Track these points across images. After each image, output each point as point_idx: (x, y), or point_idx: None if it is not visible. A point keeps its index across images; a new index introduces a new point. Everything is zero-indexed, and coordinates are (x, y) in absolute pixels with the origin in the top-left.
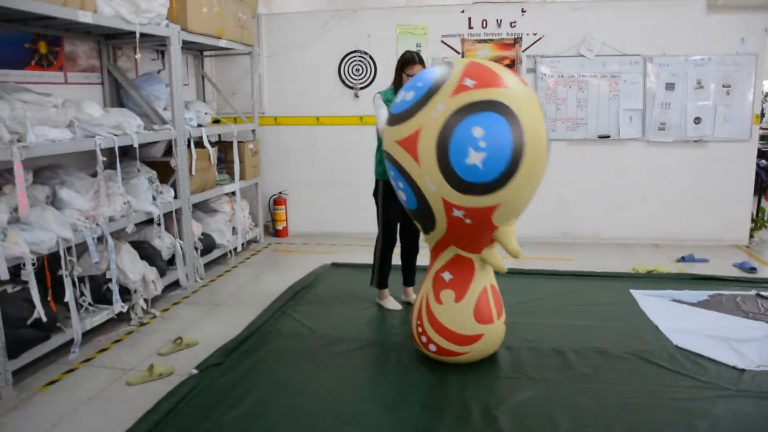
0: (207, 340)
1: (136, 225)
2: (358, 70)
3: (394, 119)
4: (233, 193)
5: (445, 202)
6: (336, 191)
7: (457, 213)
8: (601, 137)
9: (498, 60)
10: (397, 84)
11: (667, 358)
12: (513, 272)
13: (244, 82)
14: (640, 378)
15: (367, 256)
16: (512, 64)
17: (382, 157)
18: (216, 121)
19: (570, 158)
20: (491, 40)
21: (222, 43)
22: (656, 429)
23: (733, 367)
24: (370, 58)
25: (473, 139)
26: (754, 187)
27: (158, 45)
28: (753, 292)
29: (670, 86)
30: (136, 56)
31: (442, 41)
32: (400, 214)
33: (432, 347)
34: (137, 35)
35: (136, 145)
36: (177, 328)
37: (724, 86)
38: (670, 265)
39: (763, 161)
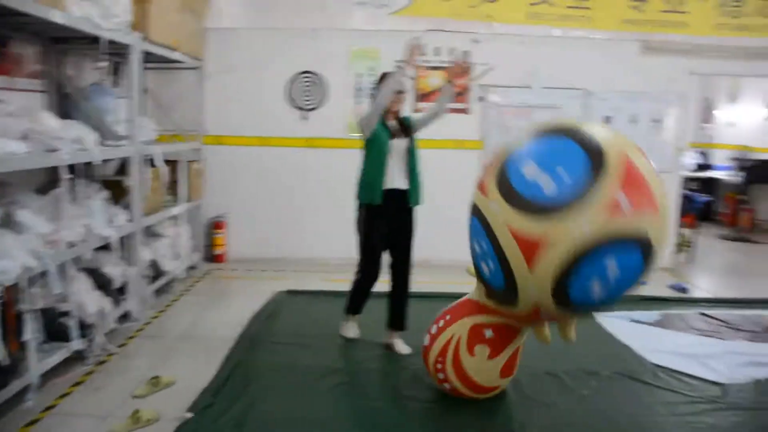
0: (183, 378)
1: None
2: (307, 91)
3: (515, 200)
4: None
5: (539, 306)
6: (280, 215)
7: (542, 314)
8: None
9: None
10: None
11: (651, 376)
12: None
13: (185, 98)
14: (637, 396)
15: (317, 283)
16: (462, 92)
17: (365, 179)
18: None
19: None
20: (443, 67)
21: (176, 56)
22: None
23: (712, 382)
24: (321, 80)
25: (605, 273)
26: (680, 214)
27: (114, 53)
28: (696, 311)
29: (607, 119)
30: (100, 64)
31: (396, 66)
32: (385, 245)
33: (446, 386)
34: (102, 41)
35: (98, 162)
36: (143, 366)
37: (653, 121)
38: None
39: (688, 191)
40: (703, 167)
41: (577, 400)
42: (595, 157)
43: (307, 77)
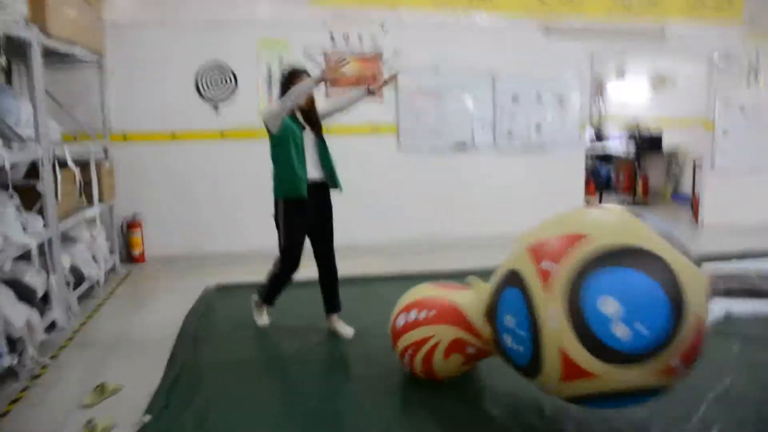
0: (129, 383)
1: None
2: (217, 82)
3: (583, 336)
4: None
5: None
6: (198, 210)
7: None
8: (457, 145)
9: (360, 72)
10: None
11: None
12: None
13: (85, 95)
14: None
15: (243, 275)
16: (374, 79)
17: (285, 175)
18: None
19: (430, 166)
20: (353, 53)
21: (76, 51)
22: None
23: None
24: (231, 70)
25: (620, 406)
26: (594, 185)
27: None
28: None
29: (515, 98)
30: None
31: (306, 54)
32: (305, 236)
33: (406, 370)
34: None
35: (8, 166)
36: (81, 376)
37: (558, 100)
38: None
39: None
40: (598, 140)
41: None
42: (675, 316)
43: (215, 69)
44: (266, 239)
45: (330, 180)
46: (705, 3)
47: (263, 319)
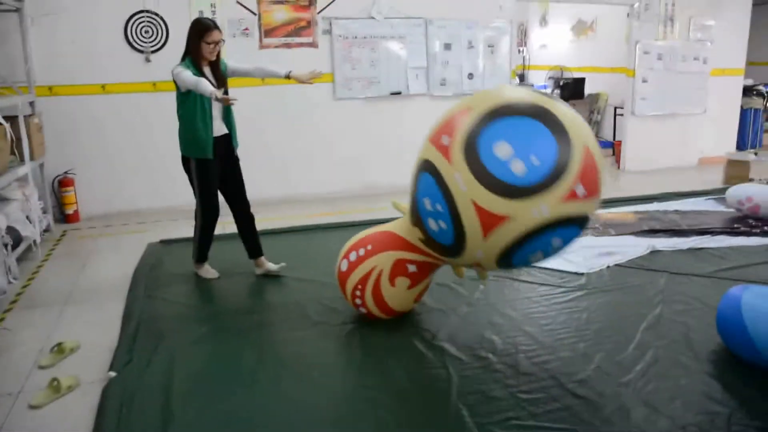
0: (87, 341)
1: None
2: (148, 32)
3: (487, 180)
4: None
5: (476, 263)
6: (131, 165)
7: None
8: (392, 94)
9: (294, 21)
10: (196, 54)
11: (527, 274)
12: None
13: (2, 46)
14: (521, 293)
15: (184, 230)
16: (308, 26)
17: (190, 132)
18: None
19: (366, 115)
20: (287, 1)
21: None
22: (557, 324)
23: (575, 273)
24: (161, 19)
25: (549, 247)
26: None
27: None
28: None
29: (447, 46)
30: None
31: (238, 2)
32: (217, 185)
33: (362, 310)
34: None
35: None
36: (33, 337)
37: (489, 46)
38: None
39: None
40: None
41: (472, 303)
42: (562, 146)
43: (145, 17)
44: None
45: (233, 135)
46: None
47: (211, 272)
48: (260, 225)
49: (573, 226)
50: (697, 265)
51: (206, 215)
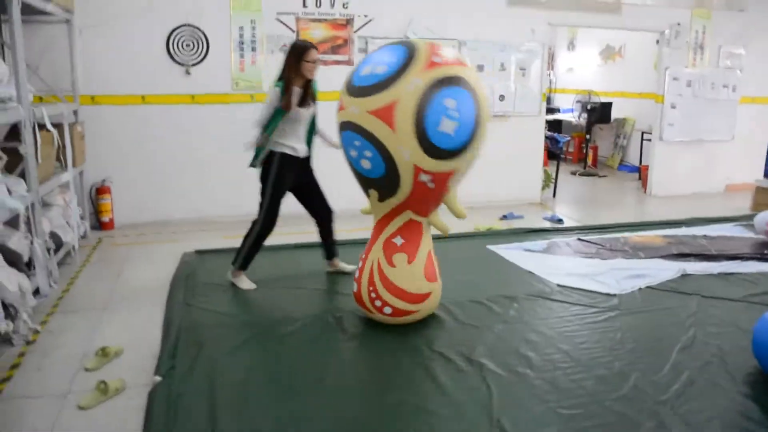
0: (129, 346)
1: None
2: (189, 45)
3: (364, 91)
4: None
5: (416, 168)
6: (167, 176)
7: (424, 178)
8: None
9: (331, 39)
10: (295, 74)
11: (559, 294)
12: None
13: (49, 54)
14: (554, 312)
15: (217, 241)
16: (345, 44)
17: (278, 138)
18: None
19: None
20: (325, 20)
21: (49, 8)
22: (592, 343)
23: (607, 294)
24: (202, 33)
25: (446, 109)
26: (547, 155)
27: None
28: (575, 238)
29: (480, 68)
30: None
31: (277, 19)
32: (283, 198)
33: (387, 310)
34: None
35: None
36: (77, 340)
37: (520, 69)
38: (498, 222)
39: (549, 133)
40: (549, 110)
41: (507, 321)
42: (409, 46)
43: (186, 31)
44: (234, 205)
45: (310, 156)
46: None
47: (248, 283)
48: (296, 238)
49: (455, 88)
50: (728, 289)
51: (266, 224)
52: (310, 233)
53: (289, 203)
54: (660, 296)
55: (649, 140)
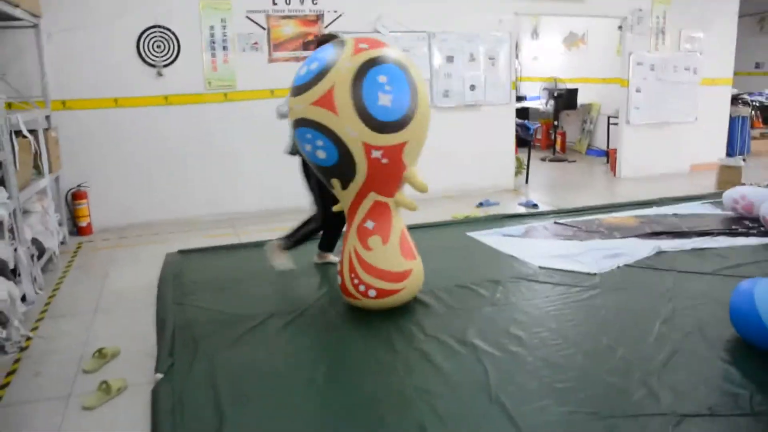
0: (125, 346)
1: None
2: (159, 46)
3: (304, 87)
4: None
5: (366, 146)
6: (145, 178)
7: (376, 154)
8: None
9: (302, 36)
10: None
11: (542, 275)
12: None
13: (16, 60)
14: (539, 293)
15: (199, 240)
16: (316, 40)
17: None
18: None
19: None
20: (295, 16)
21: (17, 13)
22: (578, 320)
23: (587, 273)
24: (172, 33)
25: (380, 84)
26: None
27: None
28: (551, 221)
29: (449, 59)
30: None
31: (248, 17)
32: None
33: (372, 293)
34: None
35: None
36: (71, 344)
37: (489, 58)
38: (475, 210)
39: (519, 120)
40: (516, 98)
41: (494, 303)
42: (337, 45)
43: (157, 32)
44: (213, 204)
45: None
46: None
47: (286, 263)
48: (275, 235)
49: (384, 66)
50: (702, 263)
51: (325, 221)
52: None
53: (271, 200)
54: (638, 273)
55: (616, 124)
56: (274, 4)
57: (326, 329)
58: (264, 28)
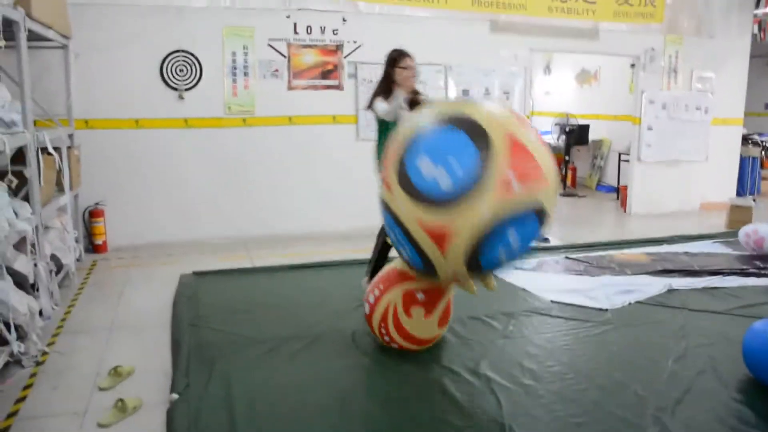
0: (139, 366)
1: None
2: (182, 70)
3: (417, 195)
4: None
5: (456, 275)
6: (161, 199)
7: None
8: None
9: (321, 65)
10: (390, 81)
11: (554, 310)
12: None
13: (43, 79)
14: (551, 327)
15: (213, 262)
16: (335, 69)
17: (380, 156)
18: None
19: None
20: (315, 45)
21: (50, 34)
22: (591, 355)
23: (599, 309)
24: (195, 58)
25: (507, 242)
26: None
27: None
28: (563, 256)
29: (465, 92)
30: (0, 44)
31: (269, 45)
32: None
33: (394, 346)
34: None
35: (7, 151)
36: (87, 361)
37: (504, 92)
38: None
39: None
40: None
41: (507, 336)
42: (479, 142)
43: (180, 56)
44: (228, 227)
45: None
46: (632, 5)
47: None
48: (288, 260)
49: (525, 218)
50: (714, 302)
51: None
52: (303, 255)
53: (285, 225)
54: (650, 310)
55: (627, 161)
56: (296, 33)
57: (341, 356)
58: (285, 56)
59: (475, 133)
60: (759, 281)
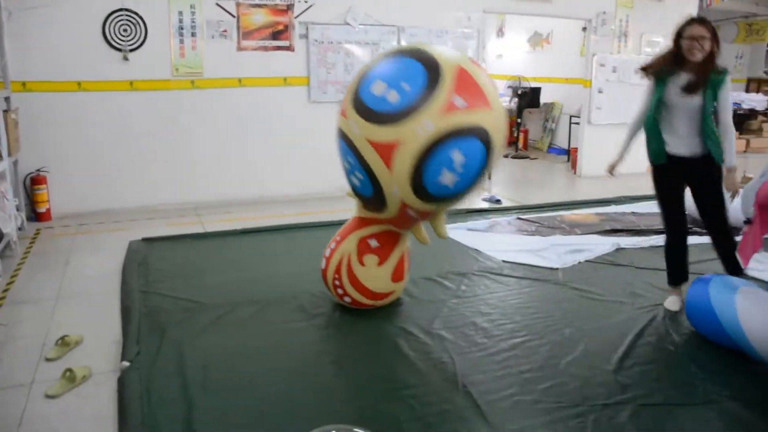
0: (88, 334)
1: None
2: (126, 30)
3: (369, 114)
4: None
5: (403, 204)
6: (107, 164)
7: (410, 212)
8: None
9: (272, 25)
10: (675, 52)
11: (506, 269)
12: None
13: None
14: (503, 286)
15: (162, 228)
16: (285, 29)
17: (646, 135)
18: None
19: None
20: (265, 5)
21: None
22: (542, 313)
23: (550, 268)
24: (140, 17)
25: (451, 162)
26: None
27: None
28: (514, 217)
29: None
30: None
31: (217, 4)
32: (677, 202)
33: (347, 299)
34: None
35: None
36: (32, 332)
37: None
38: None
39: None
40: None
41: (459, 295)
42: (431, 70)
43: (123, 16)
44: (177, 193)
45: (713, 154)
46: None
47: (672, 303)
48: (240, 224)
49: (468, 139)
50: (659, 260)
51: (668, 233)
52: (255, 219)
53: (236, 190)
54: (599, 268)
55: (577, 124)
56: None
57: (294, 320)
58: (234, 16)
59: (427, 62)
60: (701, 239)
